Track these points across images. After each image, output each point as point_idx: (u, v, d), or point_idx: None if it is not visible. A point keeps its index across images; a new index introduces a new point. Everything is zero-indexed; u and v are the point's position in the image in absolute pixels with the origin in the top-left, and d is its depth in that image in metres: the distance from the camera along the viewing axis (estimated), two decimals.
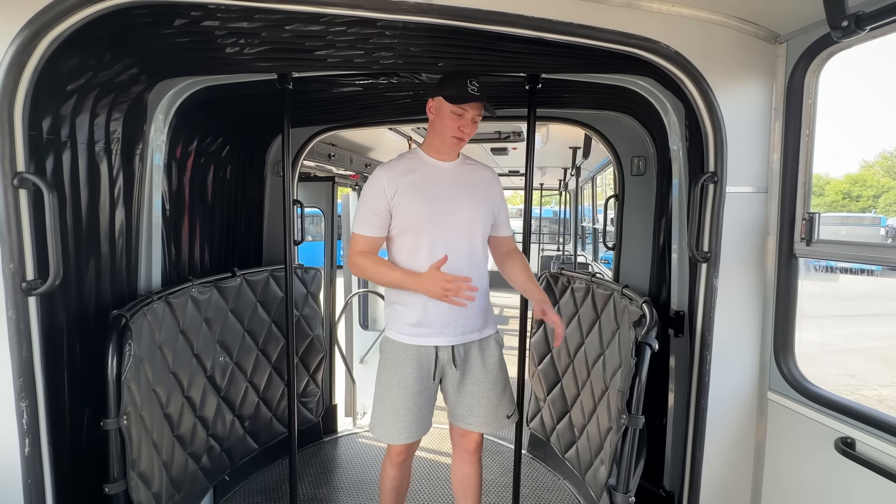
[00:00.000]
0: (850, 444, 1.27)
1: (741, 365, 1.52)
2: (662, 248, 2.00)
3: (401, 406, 1.59)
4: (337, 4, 1.22)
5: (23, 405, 1.21)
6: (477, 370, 1.65)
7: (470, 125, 1.55)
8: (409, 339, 1.60)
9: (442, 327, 1.58)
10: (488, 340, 1.69)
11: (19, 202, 1.18)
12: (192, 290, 1.90)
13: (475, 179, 1.66)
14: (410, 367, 1.59)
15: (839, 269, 4.37)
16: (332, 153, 3.41)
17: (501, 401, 1.69)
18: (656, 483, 1.90)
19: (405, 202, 1.53)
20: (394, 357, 1.62)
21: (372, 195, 1.55)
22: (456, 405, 1.68)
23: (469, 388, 1.65)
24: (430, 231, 1.54)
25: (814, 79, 1.37)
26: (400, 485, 1.78)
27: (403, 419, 1.59)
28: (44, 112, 1.30)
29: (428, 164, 1.61)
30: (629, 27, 1.31)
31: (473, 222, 1.60)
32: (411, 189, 1.54)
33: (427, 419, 1.65)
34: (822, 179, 17.94)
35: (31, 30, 1.12)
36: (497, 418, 1.68)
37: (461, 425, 1.70)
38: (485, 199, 1.64)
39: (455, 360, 1.62)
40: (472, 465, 1.77)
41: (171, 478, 1.73)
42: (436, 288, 1.44)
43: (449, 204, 1.57)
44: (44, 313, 1.27)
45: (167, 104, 1.76)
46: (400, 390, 1.59)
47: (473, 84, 1.49)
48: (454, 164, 1.65)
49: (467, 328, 1.62)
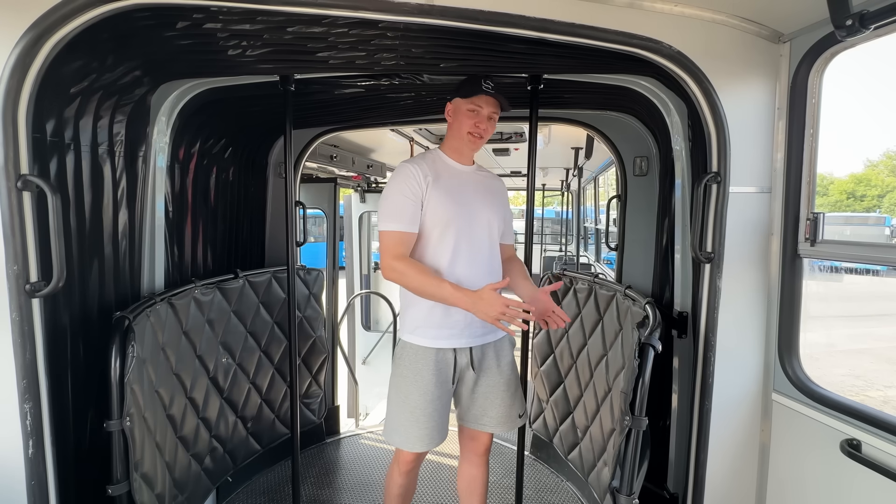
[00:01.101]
0: (856, 446, 1.26)
1: (745, 366, 1.51)
2: (665, 248, 2.00)
3: (421, 413, 1.54)
4: (339, 6, 1.22)
5: (26, 407, 1.21)
6: (492, 371, 1.65)
7: (486, 122, 1.57)
8: (429, 343, 1.56)
9: (463, 329, 1.58)
10: (503, 341, 1.70)
11: (23, 204, 1.19)
12: (194, 292, 1.90)
13: (490, 186, 1.70)
14: (430, 371, 1.56)
15: (844, 269, 4.35)
16: (335, 154, 3.42)
17: (514, 401, 1.69)
18: (660, 485, 1.89)
19: (436, 198, 1.51)
20: (413, 363, 1.57)
21: (404, 187, 1.49)
22: (470, 406, 1.67)
23: (483, 389, 1.65)
24: (455, 231, 1.53)
25: (817, 78, 1.37)
26: (406, 492, 1.77)
27: (424, 427, 1.55)
28: (47, 115, 1.31)
29: (450, 165, 1.63)
30: (631, 27, 1.31)
31: (492, 226, 1.62)
32: (440, 187, 1.53)
33: (445, 426, 1.62)
34: (825, 179, 17.85)
35: (34, 33, 1.13)
36: (510, 418, 1.68)
37: (474, 426, 1.68)
38: (499, 206, 1.69)
39: (473, 363, 1.62)
40: (480, 468, 1.77)
41: (174, 479, 1.73)
42: (494, 311, 1.34)
43: (473, 206, 1.59)
44: (47, 315, 1.28)
45: (170, 106, 1.77)
46: (420, 396, 1.55)
47: (488, 83, 1.54)
48: (472, 170, 1.67)
49: (486, 329, 1.62)
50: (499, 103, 1.58)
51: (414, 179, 1.50)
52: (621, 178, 2.33)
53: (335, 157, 3.42)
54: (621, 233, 2.35)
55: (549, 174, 6.36)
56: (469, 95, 1.55)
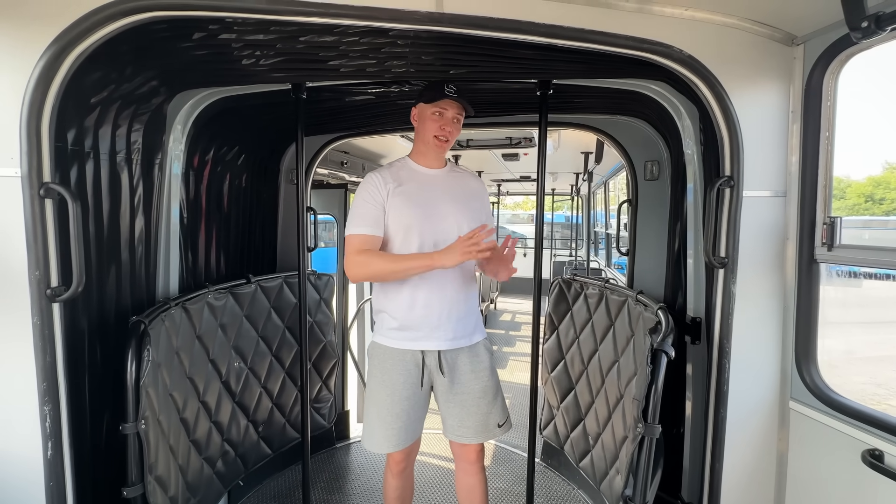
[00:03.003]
0: (879, 457, 1.22)
1: (761, 373, 1.48)
2: (677, 253, 1.97)
3: (388, 413, 1.58)
4: (351, 16, 1.24)
5: (46, 409, 1.24)
6: (466, 377, 1.63)
7: (451, 125, 1.58)
8: (395, 343, 1.60)
9: (431, 331, 1.58)
10: (477, 347, 1.66)
11: (45, 212, 1.22)
12: (208, 297, 1.93)
13: (462, 186, 1.68)
14: (398, 372, 1.59)
15: (862, 274, 4.24)
16: (345, 161, 3.45)
17: (492, 409, 1.65)
18: (674, 494, 1.85)
19: (396, 204, 1.56)
20: (381, 363, 1.61)
21: (367, 195, 1.57)
22: (446, 416, 1.66)
23: (459, 396, 1.63)
24: (418, 234, 1.56)
25: (833, 80, 1.35)
26: (403, 494, 1.77)
27: (391, 426, 1.57)
28: (69, 124, 1.35)
29: (416, 170, 1.64)
30: (641, 32, 1.31)
31: (461, 227, 1.60)
32: (402, 193, 1.57)
33: (416, 426, 1.64)
34: (842, 182, 17.44)
35: (58, 46, 1.17)
36: (488, 428, 1.64)
37: (452, 437, 1.67)
38: (471, 206, 1.65)
39: (442, 367, 1.60)
40: (474, 476, 1.72)
41: (187, 482, 1.75)
42: (457, 250, 1.42)
43: (438, 209, 1.59)
44: (66, 319, 1.30)
45: (185, 115, 1.81)
46: (387, 396, 1.58)
47: (451, 87, 1.56)
48: (442, 172, 1.67)
49: (457, 334, 1.61)
50: (462, 106, 1.58)
51: (374, 187, 1.57)
52: (632, 182, 2.31)
53: (345, 163, 3.45)
54: (632, 237, 2.33)
55: (558, 179, 6.34)
56: (433, 100, 1.57)
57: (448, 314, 1.57)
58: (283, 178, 2.60)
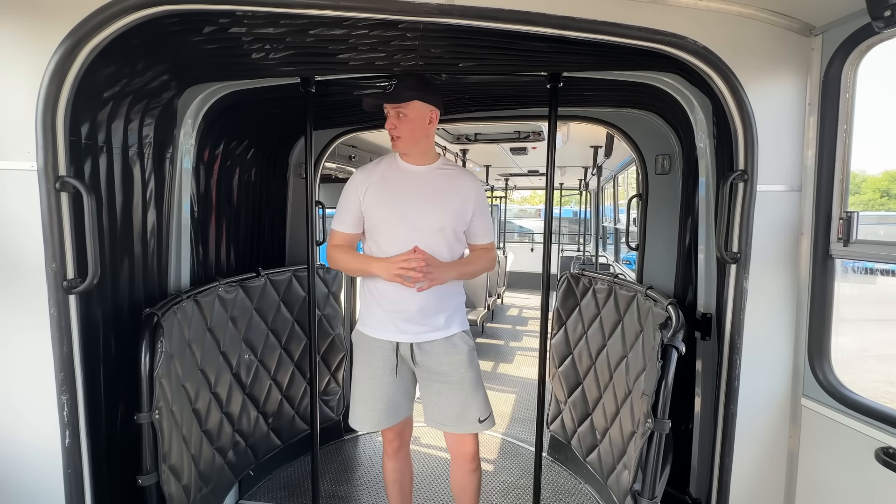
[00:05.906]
0: (893, 455, 1.21)
1: (772, 370, 1.47)
2: (688, 248, 1.95)
3: (369, 395, 1.66)
4: (361, 8, 1.23)
5: (63, 398, 1.27)
6: (443, 368, 1.63)
7: (395, 120, 1.58)
8: (371, 333, 1.66)
9: (402, 324, 1.61)
10: (453, 339, 1.65)
11: (61, 205, 1.24)
12: (218, 290, 1.95)
13: (449, 184, 1.63)
14: (376, 358, 1.65)
15: (879, 270, 4.15)
16: (353, 155, 3.45)
17: (471, 402, 1.63)
18: (682, 489, 1.85)
19: (372, 202, 1.60)
20: (361, 349, 1.69)
21: (347, 193, 1.65)
22: (426, 403, 1.69)
23: (437, 386, 1.65)
24: (395, 230, 1.58)
25: (852, 72, 1.31)
26: (402, 476, 1.80)
27: (373, 408, 1.66)
28: (82, 118, 1.36)
29: (400, 167, 1.65)
30: (655, 23, 1.29)
31: (443, 225, 1.58)
32: (380, 190, 1.60)
33: (400, 407, 1.70)
34: (857, 177, 17.10)
35: (71, 41, 1.18)
36: (467, 420, 1.63)
37: (432, 424, 1.68)
38: (455, 204, 1.60)
39: (414, 357, 1.63)
40: (467, 475, 1.71)
41: (199, 471, 1.78)
42: (389, 268, 1.50)
43: (417, 207, 1.58)
44: (82, 311, 1.33)
45: (196, 109, 1.82)
46: (368, 380, 1.66)
47: (392, 83, 1.60)
48: (428, 168, 1.64)
49: (427, 328, 1.62)
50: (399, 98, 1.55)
51: (353, 186, 1.64)
52: (642, 176, 2.29)
53: (354, 157, 3.45)
54: (642, 232, 2.31)
55: (566, 173, 6.29)
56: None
57: (418, 309, 1.58)
58: (292, 172, 2.61)
